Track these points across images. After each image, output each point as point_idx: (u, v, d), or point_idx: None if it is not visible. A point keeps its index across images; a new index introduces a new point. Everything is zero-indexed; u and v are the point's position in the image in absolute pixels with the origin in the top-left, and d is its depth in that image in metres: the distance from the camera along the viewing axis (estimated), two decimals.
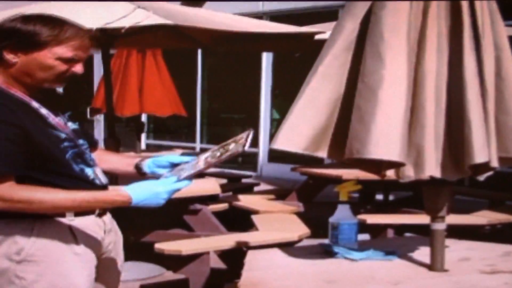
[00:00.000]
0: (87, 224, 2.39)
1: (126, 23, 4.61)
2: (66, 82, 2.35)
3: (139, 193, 2.27)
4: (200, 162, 2.37)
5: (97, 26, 4.56)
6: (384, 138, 2.34)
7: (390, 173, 2.66)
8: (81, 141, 2.42)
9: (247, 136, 2.29)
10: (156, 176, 2.45)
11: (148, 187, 2.28)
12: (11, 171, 2.17)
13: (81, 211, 2.34)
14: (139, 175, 2.56)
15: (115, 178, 3.80)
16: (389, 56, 2.34)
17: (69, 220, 2.33)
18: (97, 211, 2.42)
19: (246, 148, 2.26)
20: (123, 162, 2.66)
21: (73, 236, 2.33)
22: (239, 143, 2.31)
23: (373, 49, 2.36)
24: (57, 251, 2.29)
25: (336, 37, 2.52)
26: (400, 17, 2.37)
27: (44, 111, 2.31)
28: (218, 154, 2.36)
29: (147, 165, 2.54)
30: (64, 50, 2.26)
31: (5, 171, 2.16)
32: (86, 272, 2.37)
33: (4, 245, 2.24)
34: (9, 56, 2.24)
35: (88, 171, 2.39)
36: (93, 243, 2.42)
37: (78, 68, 2.32)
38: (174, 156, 2.54)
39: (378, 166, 2.61)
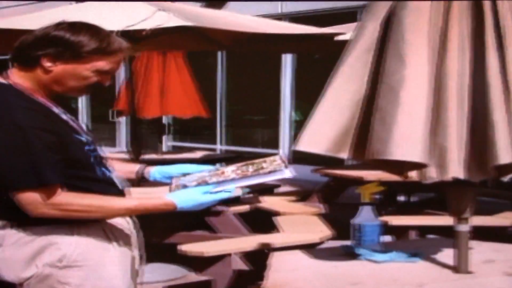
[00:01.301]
0: (120, 225, 2.42)
1: (148, 25, 4.63)
2: (89, 92, 2.37)
3: (184, 202, 2.34)
4: (228, 172, 2.42)
5: (119, 29, 4.58)
6: (406, 139, 2.33)
7: (413, 174, 2.65)
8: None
9: (282, 158, 2.39)
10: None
11: (193, 196, 2.35)
12: (60, 180, 2.19)
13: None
14: (142, 180, 2.61)
15: None
16: (410, 56, 2.33)
17: (103, 223, 2.35)
18: None
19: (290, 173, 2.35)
20: (125, 169, 2.66)
21: (109, 238, 2.36)
22: (274, 163, 2.37)
23: (394, 50, 2.35)
24: (97, 255, 2.32)
25: (358, 38, 2.52)
26: (421, 17, 2.36)
27: (65, 116, 2.31)
28: (251, 169, 2.41)
29: (151, 174, 2.59)
30: (104, 64, 2.26)
31: (57, 180, 2.18)
32: (124, 273, 2.40)
33: (46, 252, 2.25)
34: (47, 64, 2.22)
35: (110, 175, 2.42)
36: (128, 242, 2.45)
37: (107, 81, 2.34)
38: (184, 166, 2.57)
39: (401, 167, 2.60)
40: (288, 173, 2.38)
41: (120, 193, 2.43)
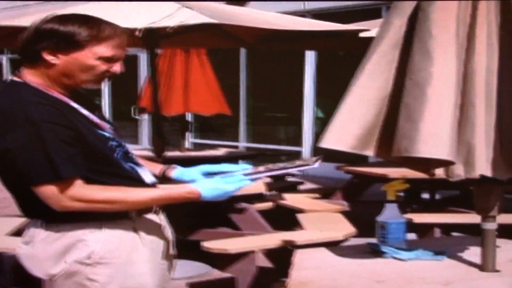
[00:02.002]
0: (148, 222, 2.42)
1: (172, 22, 4.63)
2: (104, 81, 2.37)
3: (209, 190, 2.33)
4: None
5: (143, 26, 4.59)
6: (433, 136, 2.31)
7: (439, 172, 2.62)
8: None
9: (318, 158, 2.39)
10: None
11: (216, 185, 2.34)
12: (78, 173, 2.20)
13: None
14: (165, 180, 2.59)
15: None
16: (437, 52, 2.30)
17: (132, 220, 2.36)
18: (154, 209, 2.46)
19: (317, 164, 2.38)
20: (149, 167, 2.65)
21: (138, 235, 2.36)
22: (307, 161, 2.41)
23: (421, 46, 2.33)
24: (125, 252, 2.32)
25: (384, 34, 2.50)
26: (448, 13, 2.34)
27: (84, 111, 2.30)
28: (281, 165, 2.45)
29: (175, 174, 2.59)
30: (104, 50, 2.25)
31: (73, 173, 2.18)
32: (153, 270, 2.40)
33: (75, 249, 2.26)
34: (49, 57, 2.23)
35: (138, 170, 2.41)
36: (157, 240, 2.45)
37: (117, 68, 2.32)
38: (207, 166, 2.56)
39: (427, 164, 2.58)
40: (316, 163, 2.39)
41: (149, 188, 2.43)
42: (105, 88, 15.43)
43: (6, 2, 15.02)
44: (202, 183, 2.36)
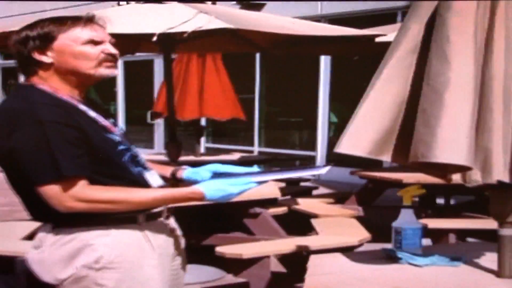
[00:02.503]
0: (157, 227, 2.42)
1: (189, 27, 4.64)
2: (110, 67, 2.37)
3: (212, 191, 2.32)
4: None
5: (160, 31, 4.61)
6: (450, 142, 2.30)
7: (456, 177, 2.61)
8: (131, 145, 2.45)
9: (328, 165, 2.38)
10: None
11: (221, 186, 2.33)
12: (81, 172, 2.20)
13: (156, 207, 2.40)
14: (175, 181, 2.60)
15: None
16: (455, 57, 2.29)
17: (141, 225, 2.36)
18: (164, 214, 2.45)
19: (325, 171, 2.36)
20: (160, 170, 2.65)
21: (146, 240, 2.36)
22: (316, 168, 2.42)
23: (438, 51, 2.32)
24: (133, 257, 2.32)
25: (401, 39, 2.49)
26: (466, 18, 2.33)
27: (92, 113, 2.32)
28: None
29: (184, 175, 2.58)
30: (80, 32, 2.31)
31: (76, 172, 2.19)
32: (162, 275, 2.39)
33: (83, 254, 2.26)
34: (41, 57, 2.29)
35: (146, 174, 2.42)
36: (166, 245, 2.44)
37: (109, 48, 2.35)
38: (217, 165, 2.55)
39: (444, 170, 2.57)
40: (324, 170, 2.39)
41: None
42: (120, 92, 15.49)
43: (23, 8, 15.13)
44: (206, 184, 2.35)
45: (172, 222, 2.52)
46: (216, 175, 2.48)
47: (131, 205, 2.29)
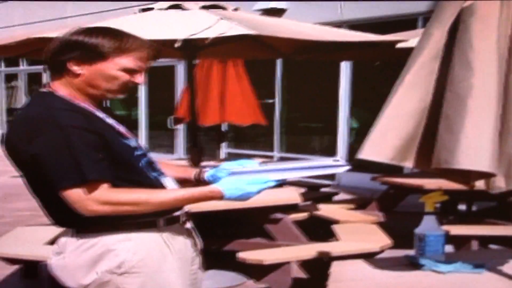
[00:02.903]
0: (176, 231, 2.44)
1: (211, 34, 4.66)
2: (128, 92, 2.40)
3: (231, 190, 2.33)
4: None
5: (183, 37, 4.63)
6: (473, 148, 2.29)
7: (479, 184, 2.60)
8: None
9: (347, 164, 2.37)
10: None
11: (239, 185, 2.34)
12: (104, 176, 2.22)
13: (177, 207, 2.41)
14: (198, 183, 2.60)
15: None
16: (478, 64, 2.29)
17: (161, 229, 2.37)
18: (182, 219, 2.47)
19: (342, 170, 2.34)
20: (181, 173, 2.67)
21: (167, 245, 2.38)
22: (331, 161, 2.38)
23: (461, 57, 2.32)
24: (155, 261, 2.34)
25: (424, 45, 2.49)
26: (489, 24, 2.32)
27: (110, 120, 2.35)
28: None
29: (206, 176, 2.59)
30: (126, 61, 2.30)
31: (99, 176, 2.21)
32: (182, 280, 2.42)
33: (106, 259, 2.28)
34: (74, 68, 2.29)
35: (162, 179, 2.44)
36: (184, 250, 2.46)
37: (140, 79, 2.36)
38: (239, 161, 2.55)
39: (467, 176, 2.56)
40: (343, 168, 2.37)
41: None
42: (142, 97, 15.56)
43: (44, 14, 15.25)
44: (225, 183, 2.36)
45: (189, 226, 2.54)
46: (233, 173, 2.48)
47: (153, 206, 2.29)
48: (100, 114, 2.33)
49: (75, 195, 2.19)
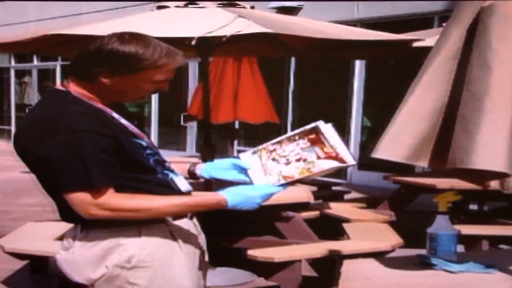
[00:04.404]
0: (184, 226, 2.45)
1: (228, 31, 4.66)
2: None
3: (235, 197, 2.33)
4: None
5: (199, 35, 4.62)
6: (489, 148, 2.28)
7: (493, 184, 2.60)
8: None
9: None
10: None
11: (243, 192, 2.35)
12: (111, 182, 2.23)
13: (181, 215, 2.41)
14: (193, 179, 2.61)
15: None
16: (496, 64, 2.28)
17: (168, 224, 2.39)
18: (189, 215, 2.48)
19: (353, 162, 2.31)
20: (178, 168, 2.66)
21: (175, 239, 2.39)
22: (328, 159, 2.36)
23: (480, 58, 2.31)
24: (164, 256, 2.35)
25: (441, 45, 2.48)
26: (509, 25, 2.31)
27: (124, 121, 2.35)
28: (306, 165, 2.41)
29: (202, 170, 2.59)
30: (159, 75, 2.30)
31: (106, 182, 2.22)
32: (191, 273, 2.44)
33: (115, 253, 2.30)
34: (105, 80, 2.27)
35: (173, 177, 2.45)
36: (193, 243, 2.48)
37: (166, 87, 2.37)
38: (233, 159, 2.56)
39: (481, 176, 2.55)
40: (352, 161, 2.35)
41: (184, 195, 2.45)
42: (154, 95, 15.59)
43: (58, 11, 15.29)
44: (230, 191, 2.35)
45: (196, 223, 2.55)
46: (238, 167, 2.50)
47: (153, 214, 2.30)
48: (116, 115, 2.34)
49: (78, 199, 2.20)
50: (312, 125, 2.43)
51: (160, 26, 4.53)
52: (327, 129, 2.41)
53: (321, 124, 2.42)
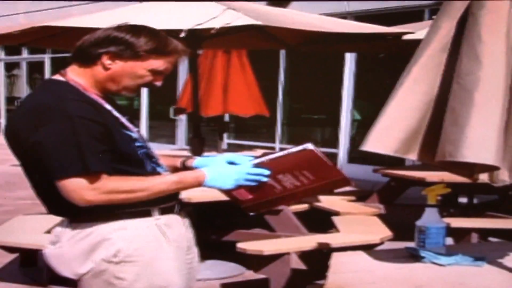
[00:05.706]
0: (171, 220, 2.44)
1: (217, 24, 4.65)
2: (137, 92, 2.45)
3: (213, 173, 2.37)
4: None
5: (188, 27, 4.61)
6: (478, 141, 2.29)
7: (482, 177, 2.60)
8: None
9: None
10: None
11: (220, 169, 2.40)
12: (105, 167, 2.23)
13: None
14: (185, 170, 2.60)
15: None
16: (486, 57, 2.28)
17: (156, 218, 2.38)
18: (176, 209, 2.48)
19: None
20: (169, 163, 2.66)
21: (162, 233, 2.38)
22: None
23: (470, 50, 2.31)
24: (151, 250, 2.35)
25: (432, 37, 2.48)
26: (499, 18, 2.31)
27: (116, 113, 2.36)
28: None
29: (194, 164, 2.59)
30: (160, 64, 2.34)
31: (101, 167, 2.22)
32: (179, 268, 2.43)
33: (102, 248, 2.29)
34: (107, 62, 2.31)
35: (160, 171, 2.45)
36: (180, 239, 2.47)
37: (159, 81, 2.40)
38: (228, 156, 2.56)
39: (471, 169, 2.56)
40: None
41: None
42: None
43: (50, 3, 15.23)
44: (213, 169, 2.39)
45: (183, 216, 2.54)
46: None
47: (149, 192, 2.30)
48: (108, 106, 2.35)
49: (73, 185, 2.19)
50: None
51: (149, 18, 4.50)
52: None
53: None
